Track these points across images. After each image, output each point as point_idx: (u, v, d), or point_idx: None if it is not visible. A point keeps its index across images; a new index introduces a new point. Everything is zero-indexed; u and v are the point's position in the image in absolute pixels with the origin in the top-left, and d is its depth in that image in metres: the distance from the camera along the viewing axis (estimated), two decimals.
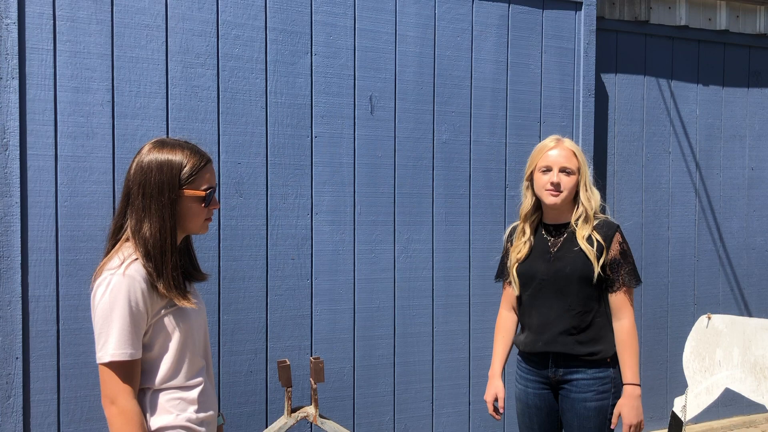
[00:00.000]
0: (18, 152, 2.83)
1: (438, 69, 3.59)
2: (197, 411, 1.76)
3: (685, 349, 3.51)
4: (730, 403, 4.43)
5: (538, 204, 2.52)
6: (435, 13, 3.58)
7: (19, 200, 2.83)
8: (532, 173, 2.49)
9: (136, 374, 1.66)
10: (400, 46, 3.51)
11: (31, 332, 2.87)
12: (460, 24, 3.63)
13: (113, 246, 1.74)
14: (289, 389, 2.66)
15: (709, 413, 4.19)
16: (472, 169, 3.68)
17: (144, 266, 1.66)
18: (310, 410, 2.70)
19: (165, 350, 1.72)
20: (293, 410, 2.69)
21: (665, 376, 4.37)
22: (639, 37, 4.29)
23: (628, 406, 2.32)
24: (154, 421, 1.71)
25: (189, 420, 1.74)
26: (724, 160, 4.55)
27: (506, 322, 2.64)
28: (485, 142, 3.70)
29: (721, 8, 4.44)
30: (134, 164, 1.72)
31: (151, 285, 1.67)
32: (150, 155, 1.71)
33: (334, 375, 3.40)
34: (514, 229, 2.62)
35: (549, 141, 2.48)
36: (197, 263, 1.92)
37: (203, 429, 1.78)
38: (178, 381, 1.75)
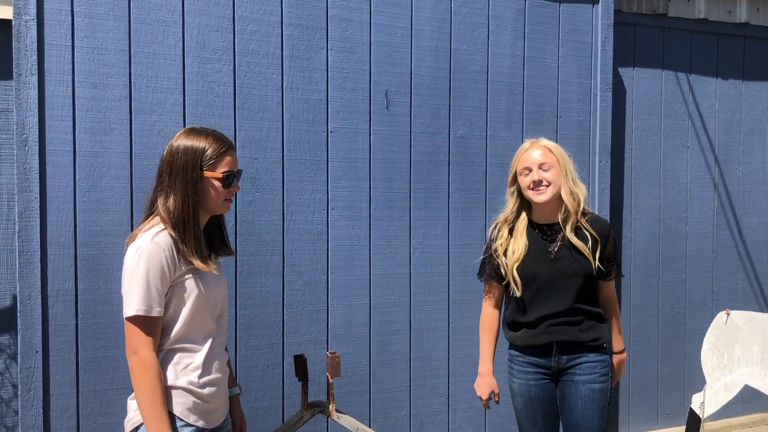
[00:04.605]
0: (37, 148, 2.85)
1: (454, 63, 3.58)
2: (201, 375, 1.91)
3: (704, 346, 3.48)
4: (749, 400, 4.39)
5: (522, 206, 2.60)
6: (451, 8, 3.56)
7: (38, 195, 2.85)
8: (515, 178, 2.58)
9: (157, 330, 1.85)
10: (416, 40, 3.50)
11: (51, 326, 2.89)
12: (477, 18, 3.61)
13: (147, 217, 1.98)
14: (305, 384, 2.66)
15: (727, 410, 4.15)
16: (488, 164, 3.66)
17: (170, 235, 1.88)
18: (327, 405, 2.70)
19: (179, 312, 1.90)
20: (310, 404, 2.69)
21: (683, 372, 4.33)
22: (657, 31, 4.24)
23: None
24: None
25: (190, 383, 1.89)
26: (743, 155, 4.50)
27: (492, 319, 2.70)
28: (501, 137, 3.68)
29: (741, 1, 4.38)
30: (167, 148, 1.97)
31: (176, 251, 1.88)
32: (179, 140, 1.95)
33: (350, 370, 3.40)
34: (495, 227, 2.68)
35: (525, 144, 2.58)
36: (227, 239, 2.16)
37: (206, 390, 1.92)
38: (186, 342, 1.91)
